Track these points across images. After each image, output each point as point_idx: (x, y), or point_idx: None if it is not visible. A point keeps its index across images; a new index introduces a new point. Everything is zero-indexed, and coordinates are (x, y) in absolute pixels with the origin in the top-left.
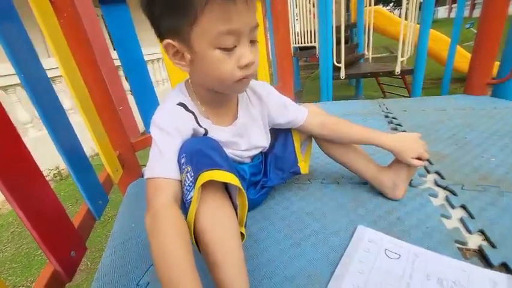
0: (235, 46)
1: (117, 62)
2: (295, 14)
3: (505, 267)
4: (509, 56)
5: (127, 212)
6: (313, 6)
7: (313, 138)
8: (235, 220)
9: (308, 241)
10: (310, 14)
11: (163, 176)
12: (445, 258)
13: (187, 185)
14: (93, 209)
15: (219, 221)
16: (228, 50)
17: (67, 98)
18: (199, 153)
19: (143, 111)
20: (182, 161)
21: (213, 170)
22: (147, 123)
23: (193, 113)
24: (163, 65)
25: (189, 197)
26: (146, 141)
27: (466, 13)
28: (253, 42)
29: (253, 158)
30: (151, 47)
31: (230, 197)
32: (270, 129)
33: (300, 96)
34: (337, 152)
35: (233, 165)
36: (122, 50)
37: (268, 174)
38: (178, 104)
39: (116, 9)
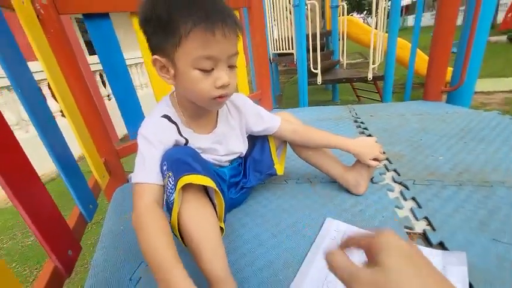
0: (213, 69)
1: (93, 68)
2: (273, 19)
3: (441, 246)
4: (460, 65)
5: (114, 216)
6: (290, 13)
7: (287, 143)
8: (214, 216)
9: (284, 233)
10: (287, 20)
11: (146, 181)
12: None
13: (169, 188)
14: (84, 213)
15: (200, 217)
16: (206, 71)
17: (50, 100)
18: (179, 161)
19: (126, 116)
20: (164, 168)
21: (191, 174)
22: (130, 128)
23: (176, 123)
24: (143, 70)
25: (172, 198)
26: (130, 148)
27: (432, 22)
28: (231, 67)
29: (232, 161)
30: (131, 51)
31: (210, 198)
32: (248, 136)
33: (280, 100)
34: (309, 155)
35: (211, 170)
36: (105, 59)
37: (248, 176)
38: (162, 116)
39: (100, 23)
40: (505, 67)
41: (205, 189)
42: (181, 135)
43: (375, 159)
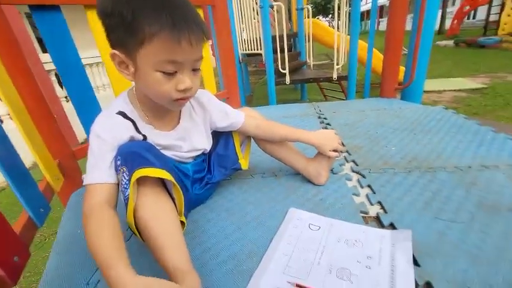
0: (176, 72)
1: (46, 67)
2: (241, 21)
3: (392, 226)
4: (410, 66)
5: (70, 219)
6: (258, 14)
7: (252, 138)
8: (174, 210)
9: (249, 225)
10: (255, 20)
11: (97, 181)
12: (352, 225)
13: (123, 183)
14: (34, 217)
15: (158, 210)
16: (168, 74)
17: None
18: (133, 155)
19: (83, 118)
20: (118, 163)
21: (146, 167)
22: (89, 131)
23: (132, 120)
24: (103, 70)
25: (127, 193)
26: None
27: None
28: (195, 70)
29: (195, 157)
30: (89, 50)
31: (169, 192)
32: (212, 132)
33: (251, 100)
34: (273, 149)
35: (169, 163)
36: (57, 55)
37: (212, 171)
38: (117, 113)
39: (49, 16)
40: (453, 68)
41: (164, 184)
42: (139, 131)
43: (334, 151)
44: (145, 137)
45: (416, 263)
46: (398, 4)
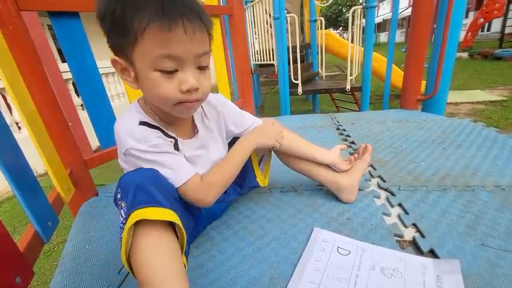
0: (177, 70)
1: (65, 76)
2: (254, 33)
3: (432, 253)
4: (433, 77)
5: (80, 233)
6: (271, 26)
7: (272, 151)
8: (177, 252)
9: (269, 246)
10: (268, 33)
11: (192, 173)
12: (386, 250)
13: (120, 222)
14: (41, 231)
15: (160, 257)
16: (168, 73)
17: (5, 112)
18: (137, 188)
19: (97, 126)
20: (118, 196)
21: (148, 207)
22: (102, 139)
23: (158, 128)
24: (119, 79)
25: (121, 234)
26: (101, 158)
27: (402, 39)
28: (202, 68)
29: None
30: (104, 60)
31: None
32: (228, 144)
33: (262, 110)
34: (295, 161)
35: (177, 193)
36: (74, 63)
37: (227, 189)
38: (140, 124)
39: (67, 22)
40: (469, 80)
41: None
42: (168, 136)
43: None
44: (176, 141)
45: None
46: (422, 13)
